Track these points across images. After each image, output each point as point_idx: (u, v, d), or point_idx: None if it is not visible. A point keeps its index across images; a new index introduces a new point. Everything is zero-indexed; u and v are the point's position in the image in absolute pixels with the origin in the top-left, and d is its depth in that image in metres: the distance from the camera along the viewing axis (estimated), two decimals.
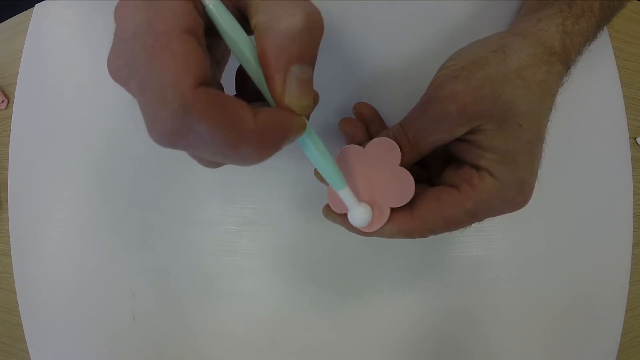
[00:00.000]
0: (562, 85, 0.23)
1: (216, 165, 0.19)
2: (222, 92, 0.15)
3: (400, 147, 0.22)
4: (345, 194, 0.21)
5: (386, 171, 0.22)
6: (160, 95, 0.14)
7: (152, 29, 0.14)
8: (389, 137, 0.23)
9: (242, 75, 0.21)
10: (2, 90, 0.36)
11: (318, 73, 0.34)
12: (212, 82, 0.15)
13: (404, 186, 0.22)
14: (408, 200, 0.22)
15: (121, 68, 0.16)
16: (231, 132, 0.14)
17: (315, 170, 0.25)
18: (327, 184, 0.24)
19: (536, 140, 0.22)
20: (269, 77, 0.16)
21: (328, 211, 0.25)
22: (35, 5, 0.35)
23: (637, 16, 0.36)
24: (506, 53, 0.22)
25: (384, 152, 0.23)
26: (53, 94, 0.34)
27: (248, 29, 0.17)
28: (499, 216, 0.22)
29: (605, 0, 0.25)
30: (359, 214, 0.22)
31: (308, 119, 0.21)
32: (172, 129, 0.14)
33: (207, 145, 0.14)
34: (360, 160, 0.23)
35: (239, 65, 0.20)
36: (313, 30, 0.16)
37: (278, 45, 0.15)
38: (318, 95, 0.22)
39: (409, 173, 0.22)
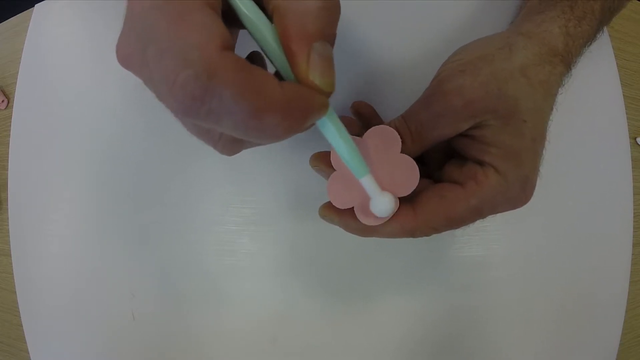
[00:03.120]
0: (563, 85, 0.24)
1: (233, 148, 0.18)
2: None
3: (402, 140, 0.22)
4: (368, 182, 0.20)
5: (388, 160, 0.22)
6: (182, 57, 0.13)
7: (172, 1, 0.14)
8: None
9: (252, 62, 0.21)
10: (2, 90, 0.36)
11: None
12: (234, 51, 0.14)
13: (408, 174, 0.21)
14: (413, 188, 0.21)
15: (131, 50, 0.15)
16: (257, 99, 0.14)
17: (312, 158, 0.24)
18: (324, 176, 0.23)
19: (540, 138, 0.22)
20: (292, 55, 0.16)
21: (325, 211, 0.24)
22: (35, 5, 0.35)
23: (637, 16, 0.36)
24: (512, 51, 0.22)
25: (384, 140, 0.22)
26: (53, 94, 0.34)
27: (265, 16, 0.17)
28: (499, 216, 0.22)
29: (605, 2, 0.25)
30: (382, 203, 0.20)
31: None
32: (193, 93, 0.13)
33: (230, 113, 0.14)
34: (360, 149, 0.22)
35: (246, 55, 0.20)
36: (332, 9, 0.16)
37: (300, 23, 0.15)
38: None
39: (411, 159, 0.21)
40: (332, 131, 0.18)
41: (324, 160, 0.23)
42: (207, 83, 0.13)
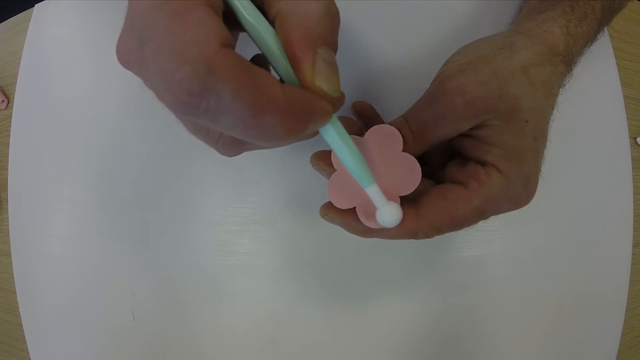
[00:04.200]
0: (564, 85, 0.24)
1: (232, 148, 0.18)
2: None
3: (403, 139, 0.22)
4: (374, 192, 0.20)
5: (389, 159, 0.22)
6: (180, 54, 0.13)
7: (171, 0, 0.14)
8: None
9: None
10: (2, 90, 0.36)
11: None
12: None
13: (410, 172, 0.21)
14: (416, 186, 0.21)
15: (131, 49, 0.15)
16: (257, 97, 0.13)
17: (313, 157, 0.24)
18: (325, 175, 0.23)
19: (541, 137, 0.22)
20: (296, 60, 0.16)
21: (326, 211, 0.24)
22: (35, 5, 0.35)
23: (637, 16, 0.36)
24: (513, 50, 0.22)
25: (385, 139, 0.22)
26: (53, 94, 0.34)
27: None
28: (499, 216, 0.22)
29: (606, 2, 0.25)
30: (388, 214, 0.20)
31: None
32: (190, 89, 0.13)
33: (229, 111, 0.13)
34: (361, 149, 0.22)
35: (250, 58, 0.20)
36: (333, 16, 0.16)
37: (304, 28, 0.15)
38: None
39: (413, 158, 0.21)
40: (336, 139, 0.18)
41: (324, 159, 0.23)
42: (205, 79, 0.13)
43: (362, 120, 0.28)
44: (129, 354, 0.33)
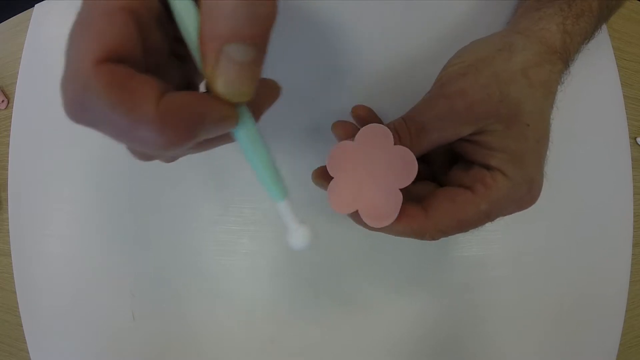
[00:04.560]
0: (562, 83, 0.24)
1: (139, 155, 0.18)
2: (134, 71, 0.14)
3: (401, 141, 0.22)
4: (284, 209, 0.18)
5: (383, 155, 0.22)
6: (67, 68, 0.14)
7: (91, 6, 0.14)
8: (391, 130, 0.22)
9: None
10: (2, 90, 0.36)
11: (314, 74, 0.34)
12: (133, 60, 0.14)
13: (406, 165, 0.21)
14: (413, 177, 0.21)
15: None
16: (128, 113, 0.13)
17: (314, 174, 0.24)
18: (325, 188, 0.23)
19: (543, 139, 0.22)
20: (202, 58, 0.14)
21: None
22: (35, 5, 0.35)
23: (637, 16, 0.36)
24: (512, 51, 0.22)
25: (375, 137, 0.22)
26: (53, 94, 0.34)
27: None
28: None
29: (604, 0, 0.25)
30: (296, 237, 0.19)
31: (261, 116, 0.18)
32: (73, 101, 0.14)
33: (107, 124, 0.14)
34: (354, 152, 0.22)
35: None
36: (257, 6, 0.13)
37: (212, 20, 0.14)
38: (279, 88, 0.19)
39: (407, 150, 0.21)
40: (246, 145, 0.17)
41: (324, 177, 0.23)
42: (83, 94, 0.13)
43: (360, 123, 0.28)
44: (129, 354, 0.33)
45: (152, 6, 0.15)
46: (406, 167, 0.21)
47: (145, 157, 0.19)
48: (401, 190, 0.21)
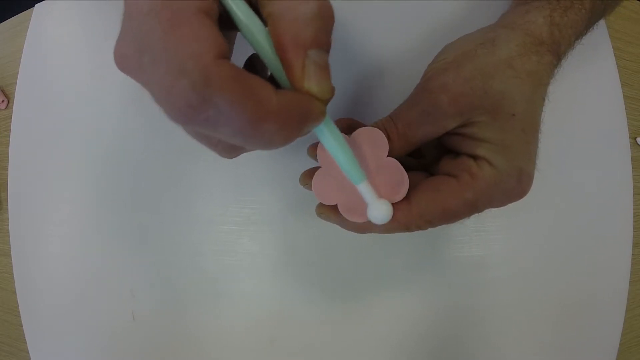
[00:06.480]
0: (554, 76, 0.23)
1: (231, 152, 0.19)
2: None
3: (389, 138, 0.22)
4: (365, 189, 0.20)
5: (375, 163, 0.22)
6: (178, 66, 0.13)
7: (169, 6, 0.14)
8: (380, 129, 0.22)
9: (250, 68, 0.20)
10: (2, 90, 0.36)
11: None
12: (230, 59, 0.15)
13: (398, 181, 0.21)
14: (404, 195, 0.21)
15: (129, 55, 0.15)
16: (254, 107, 0.14)
17: (302, 176, 0.24)
18: (311, 189, 0.23)
19: (530, 129, 0.21)
20: (287, 62, 0.16)
21: (322, 209, 0.24)
22: (35, 5, 0.35)
23: (637, 16, 0.36)
24: (495, 44, 0.22)
25: (372, 142, 0.22)
26: (53, 94, 0.34)
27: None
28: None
29: None
30: (378, 211, 0.20)
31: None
32: (189, 102, 0.13)
33: (227, 121, 0.14)
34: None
35: (246, 59, 0.20)
36: (326, 16, 0.16)
37: (295, 30, 0.15)
38: (334, 89, 0.22)
39: (399, 164, 0.21)
40: (329, 139, 0.18)
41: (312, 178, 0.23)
42: (204, 92, 0.13)
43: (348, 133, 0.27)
44: (129, 354, 0.33)
45: (215, 9, 0.15)
46: (397, 185, 0.21)
47: (236, 152, 0.19)
48: None
